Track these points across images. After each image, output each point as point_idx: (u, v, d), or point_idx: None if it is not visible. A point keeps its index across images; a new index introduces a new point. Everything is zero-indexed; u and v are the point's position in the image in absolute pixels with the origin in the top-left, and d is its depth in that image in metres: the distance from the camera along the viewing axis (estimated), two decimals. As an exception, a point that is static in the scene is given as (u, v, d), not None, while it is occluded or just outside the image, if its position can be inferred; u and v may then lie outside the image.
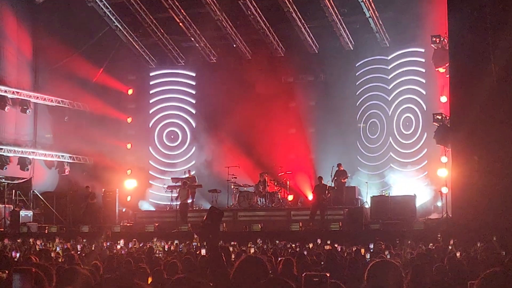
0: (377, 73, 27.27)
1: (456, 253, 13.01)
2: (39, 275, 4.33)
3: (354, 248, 15.41)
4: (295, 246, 17.13)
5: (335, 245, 17.35)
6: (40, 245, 18.66)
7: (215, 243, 4.61)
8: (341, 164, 24.80)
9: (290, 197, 26.06)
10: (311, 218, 22.75)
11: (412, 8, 24.24)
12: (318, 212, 22.65)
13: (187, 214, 24.20)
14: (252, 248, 16.20)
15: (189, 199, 25.06)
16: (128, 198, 28.31)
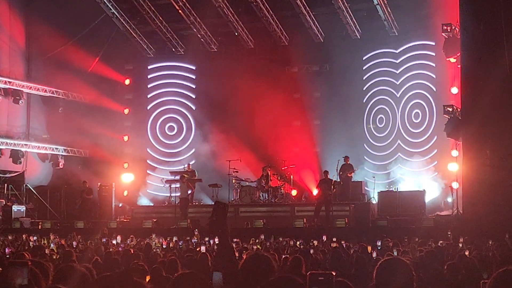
0: (385, 67, 27.16)
1: (466, 251, 12.77)
2: (34, 272, 4.39)
3: (360, 245, 15.24)
4: (299, 244, 16.92)
5: (342, 242, 17.11)
6: (34, 241, 18.45)
7: (225, 237, 5.02)
8: (348, 158, 24.63)
9: (294, 192, 25.90)
10: (316, 214, 22.47)
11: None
12: (323, 208, 22.41)
13: (187, 209, 24.04)
14: (255, 245, 16.01)
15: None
16: (125, 193, 28.26)
